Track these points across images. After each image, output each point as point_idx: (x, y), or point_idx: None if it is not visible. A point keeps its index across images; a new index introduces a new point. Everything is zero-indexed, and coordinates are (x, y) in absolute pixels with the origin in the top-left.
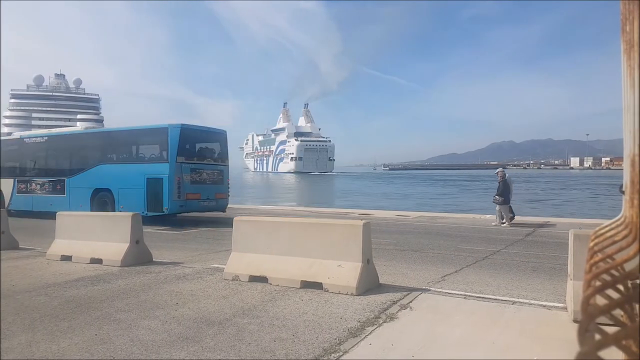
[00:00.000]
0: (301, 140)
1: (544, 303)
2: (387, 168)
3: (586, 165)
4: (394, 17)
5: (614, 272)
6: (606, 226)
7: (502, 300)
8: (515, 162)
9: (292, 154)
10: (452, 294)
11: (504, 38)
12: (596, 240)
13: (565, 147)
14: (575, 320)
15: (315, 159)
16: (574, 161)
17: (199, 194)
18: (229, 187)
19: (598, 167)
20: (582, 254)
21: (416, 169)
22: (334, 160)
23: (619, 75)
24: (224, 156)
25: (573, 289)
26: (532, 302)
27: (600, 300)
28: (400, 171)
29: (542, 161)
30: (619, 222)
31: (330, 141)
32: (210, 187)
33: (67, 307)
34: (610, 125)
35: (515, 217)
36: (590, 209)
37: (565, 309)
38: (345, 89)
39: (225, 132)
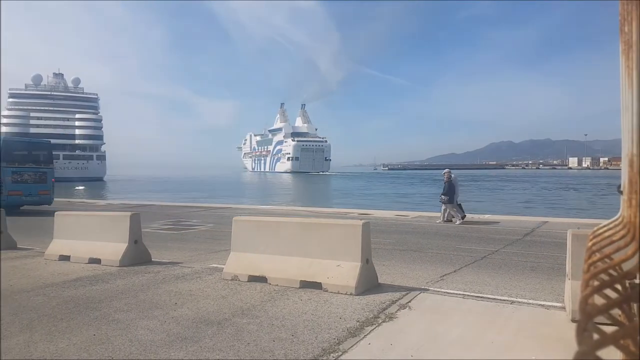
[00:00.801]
0: (298, 141)
1: (542, 303)
2: (387, 168)
3: (584, 165)
4: (392, 16)
5: (612, 271)
6: (604, 226)
7: (500, 299)
8: (514, 162)
9: (289, 154)
10: (451, 293)
11: (503, 38)
12: (594, 240)
13: (563, 147)
14: (573, 320)
15: (312, 158)
16: (573, 161)
17: (21, 192)
18: (53, 185)
19: (596, 167)
20: (581, 254)
21: (415, 169)
22: (330, 160)
23: (617, 75)
24: (47, 161)
25: (571, 289)
26: (531, 301)
27: (598, 300)
28: (400, 171)
29: (541, 161)
30: (617, 222)
31: (326, 141)
32: (32, 186)
33: (66, 307)
34: (608, 126)
35: (467, 215)
36: (582, 208)
37: (563, 308)
38: (345, 88)
39: (49, 142)
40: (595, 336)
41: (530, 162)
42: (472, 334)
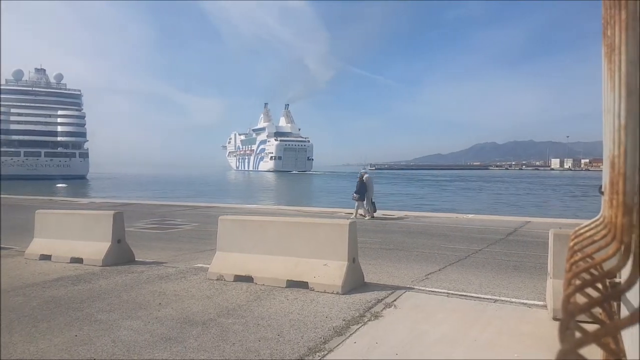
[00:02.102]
0: (280, 140)
1: (524, 301)
2: (374, 168)
3: (566, 166)
4: (381, 16)
5: (593, 271)
6: (586, 226)
7: (484, 298)
8: (498, 163)
9: (272, 153)
10: (436, 292)
11: (488, 39)
12: (576, 240)
13: (546, 148)
14: (554, 318)
15: (294, 158)
16: (555, 162)
17: None
18: None
19: (578, 169)
20: (562, 253)
21: (402, 169)
22: (312, 159)
23: (598, 78)
24: None
25: (553, 287)
26: (513, 300)
27: (580, 299)
28: (387, 171)
29: (524, 162)
30: (598, 222)
31: (309, 141)
32: None
33: (46, 308)
34: (590, 128)
35: (376, 211)
36: (563, 209)
37: (545, 307)
38: (333, 88)
39: None
40: (577, 334)
41: (513, 163)
42: (456, 332)
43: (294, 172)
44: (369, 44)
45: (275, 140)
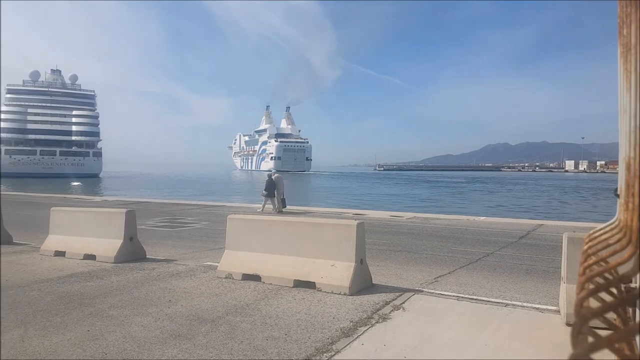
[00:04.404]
0: (280, 141)
1: (537, 306)
2: (382, 168)
3: (581, 168)
4: (388, 16)
5: (607, 275)
6: (600, 229)
7: (495, 302)
8: (510, 164)
9: (272, 153)
10: (445, 295)
11: (499, 39)
12: (590, 243)
13: (560, 150)
14: (568, 324)
15: (294, 158)
16: (569, 164)
17: None
18: None
19: (593, 171)
20: (576, 257)
21: (411, 170)
22: (311, 160)
23: (614, 78)
24: None
25: (566, 292)
26: (525, 304)
27: (593, 303)
28: (395, 172)
29: (537, 164)
30: (613, 226)
31: (308, 142)
32: None
33: (60, 303)
34: (605, 129)
35: (285, 207)
36: (578, 212)
37: (558, 312)
38: (340, 87)
39: None
40: (590, 339)
41: (526, 164)
42: (466, 336)
43: (292, 171)
44: (377, 43)
45: (276, 141)
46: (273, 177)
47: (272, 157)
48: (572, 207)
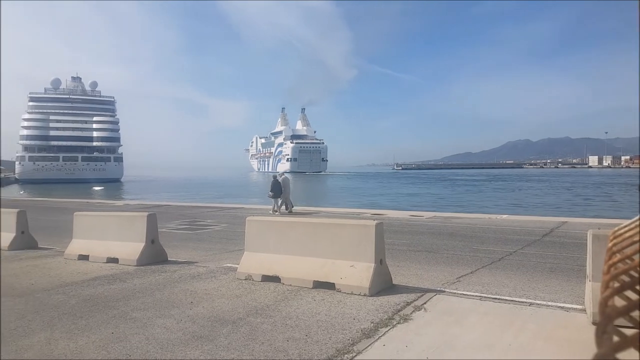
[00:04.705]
0: (296, 143)
1: (562, 305)
2: (400, 167)
3: (605, 164)
4: (403, 14)
5: (633, 272)
6: (625, 226)
7: (518, 301)
8: (532, 161)
9: (288, 155)
10: (467, 295)
11: (518, 34)
12: (615, 241)
13: (583, 145)
14: (594, 323)
15: (309, 159)
16: (593, 160)
17: None
18: None
19: (617, 166)
20: (602, 255)
21: (430, 169)
22: (327, 160)
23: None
24: None
25: (592, 291)
26: (550, 303)
27: (618, 302)
28: (414, 170)
29: (560, 160)
30: (638, 222)
31: (323, 143)
32: None
33: (85, 306)
34: (630, 123)
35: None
36: (603, 208)
37: (584, 310)
38: (356, 87)
39: None
40: (615, 338)
41: (548, 161)
42: (489, 337)
43: (308, 172)
44: (393, 42)
45: (291, 142)
46: (279, 178)
47: (288, 159)
48: (597, 203)
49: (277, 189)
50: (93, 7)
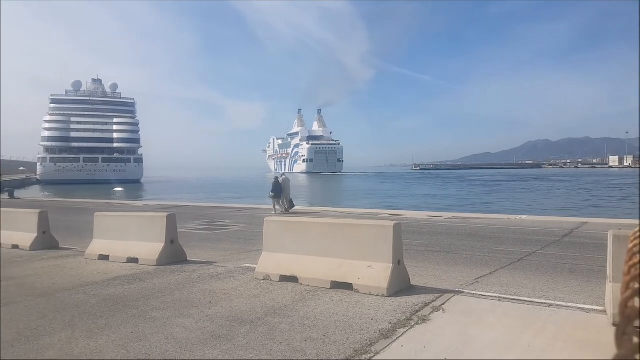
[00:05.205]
0: (312, 144)
1: (581, 306)
2: (418, 168)
3: (626, 164)
4: (421, 14)
5: None
6: None
7: (538, 302)
8: (552, 162)
9: (304, 156)
10: (486, 296)
11: (537, 33)
12: (635, 241)
13: (603, 145)
14: (614, 324)
15: (325, 160)
16: (613, 160)
17: None
18: None
19: (638, 166)
20: (622, 256)
21: (448, 169)
22: (342, 161)
23: None
24: None
25: (612, 292)
26: (570, 304)
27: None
28: (432, 171)
29: (580, 160)
30: None
31: (339, 144)
32: None
33: (105, 305)
34: None
35: (295, 207)
36: (625, 208)
37: (604, 312)
38: (374, 87)
39: None
40: (635, 340)
41: (568, 161)
42: (508, 338)
43: (324, 173)
44: (410, 42)
45: (307, 143)
46: (280, 179)
47: (304, 160)
48: (617, 204)
49: (278, 189)
50: (109, 8)
